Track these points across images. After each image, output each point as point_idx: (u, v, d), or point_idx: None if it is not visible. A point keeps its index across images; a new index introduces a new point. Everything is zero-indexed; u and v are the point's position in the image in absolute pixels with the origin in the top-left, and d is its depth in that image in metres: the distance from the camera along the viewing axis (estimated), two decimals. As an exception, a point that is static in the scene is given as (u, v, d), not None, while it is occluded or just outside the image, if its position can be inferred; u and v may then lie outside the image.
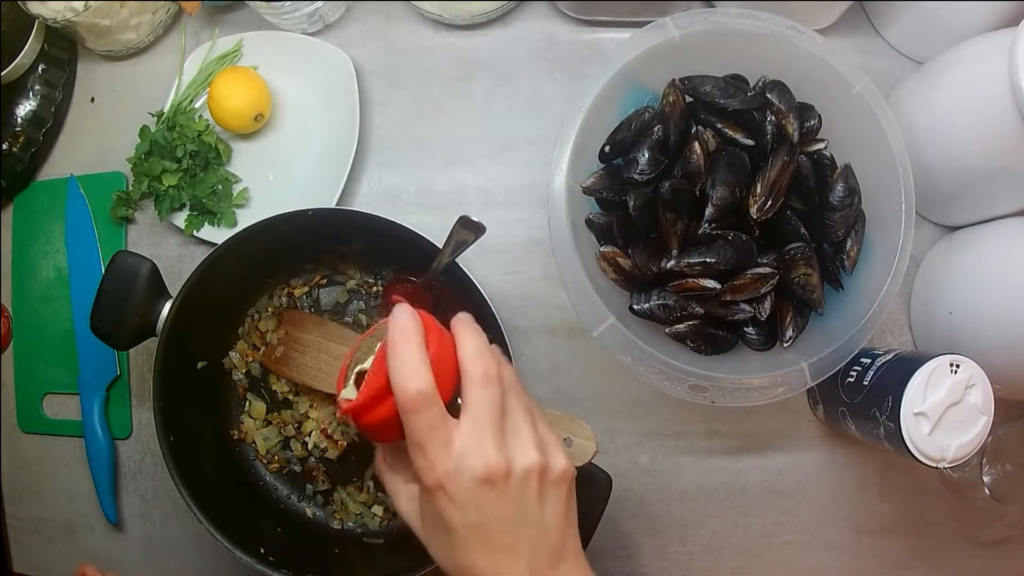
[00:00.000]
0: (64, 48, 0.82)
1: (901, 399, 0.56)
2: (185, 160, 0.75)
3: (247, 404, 0.74)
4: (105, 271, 0.65)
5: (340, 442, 0.72)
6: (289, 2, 0.74)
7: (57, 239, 0.82)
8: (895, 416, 0.56)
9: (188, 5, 0.79)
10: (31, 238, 0.83)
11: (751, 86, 0.63)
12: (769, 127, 0.61)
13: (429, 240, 0.63)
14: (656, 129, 0.62)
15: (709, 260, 0.59)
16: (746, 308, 0.61)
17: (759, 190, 0.59)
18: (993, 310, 0.63)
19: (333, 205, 0.73)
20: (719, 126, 0.62)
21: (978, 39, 0.63)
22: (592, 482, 0.57)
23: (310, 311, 0.75)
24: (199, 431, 0.70)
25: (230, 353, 0.74)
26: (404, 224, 0.64)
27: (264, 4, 0.75)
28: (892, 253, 0.58)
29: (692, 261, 0.59)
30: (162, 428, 0.63)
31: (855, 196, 0.61)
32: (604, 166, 0.63)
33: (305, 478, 0.74)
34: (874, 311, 0.58)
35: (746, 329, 0.62)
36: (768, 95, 0.61)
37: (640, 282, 0.62)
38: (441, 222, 0.65)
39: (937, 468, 0.56)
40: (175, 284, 0.66)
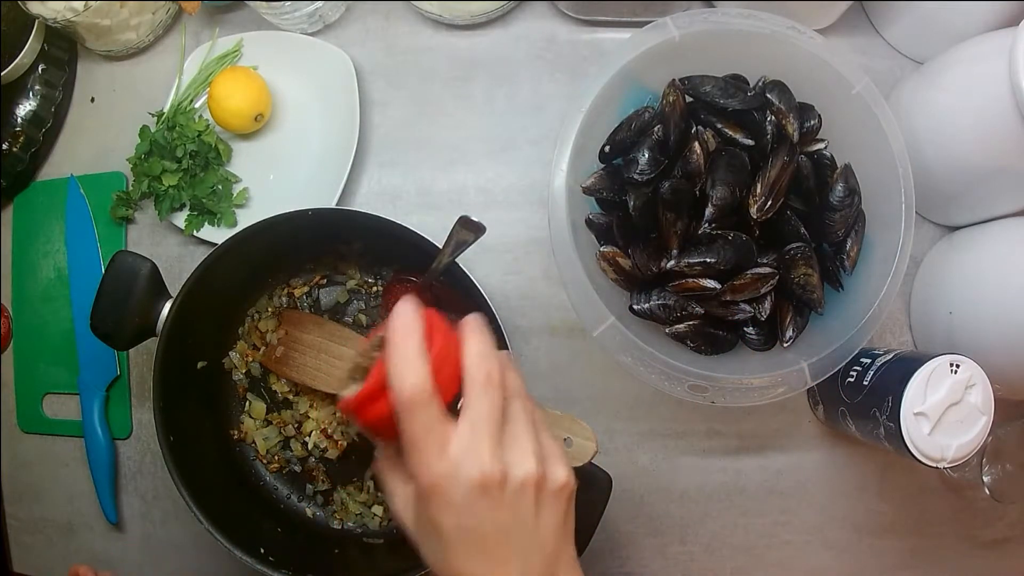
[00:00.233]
0: (64, 48, 0.82)
1: (901, 399, 0.56)
2: (185, 160, 0.75)
3: (247, 404, 0.74)
4: (105, 271, 0.66)
5: (340, 442, 0.72)
6: (289, 2, 0.74)
7: (57, 239, 0.82)
8: (895, 416, 0.56)
9: (188, 5, 0.79)
10: (31, 238, 0.83)
11: (751, 86, 0.63)
12: (769, 127, 0.61)
13: (429, 240, 0.63)
14: (656, 129, 0.62)
15: (709, 260, 0.59)
16: (746, 308, 0.61)
17: (759, 190, 0.59)
18: (993, 310, 0.63)
19: (333, 205, 0.73)
20: (719, 126, 0.62)
21: (978, 39, 0.63)
22: (592, 482, 0.57)
23: (310, 311, 0.75)
24: (199, 431, 0.70)
25: (230, 353, 0.74)
26: (404, 224, 0.64)
27: (264, 4, 0.75)
28: (892, 253, 0.58)
29: (692, 261, 0.59)
30: (162, 428, 0.63)
31: (855, 196, 0.61)
32: (604, 166, 0.63)
33: (305, 478, 0.74)
34: (874, 311, 0.58)
35: (746, 329, 0.62)
36: (768, 95, 0.61)
37: (640, 282, 0.62)
38: (441, 222, 0.65)
39: (937, 468, 0.56)
40: (175, 284, 0.66)
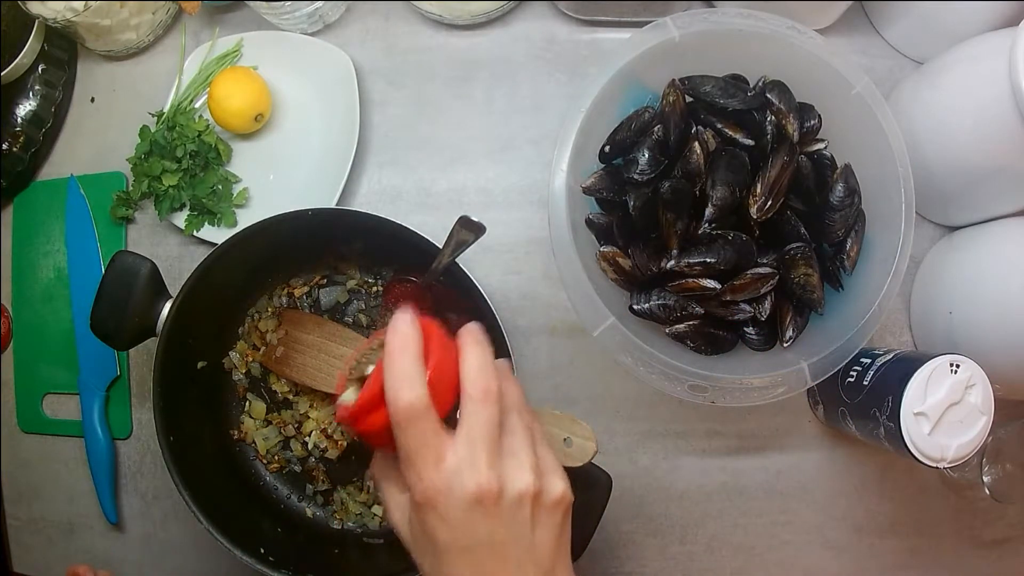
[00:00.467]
0: (64, 48, 0.82)
1: (901, 399, 0.56)
2: (185, 160, 0.75)
3: (247, 404, 0.74)
4: (105, 271, 0.65)
5: (340, 442, 0.72)
6: (289, 2, 0.74)
7: (57, 239, 0.82)
8: (895, 416, 0.56)
9: (188, 5, 0.79)
10: (31, 238, 0.83)
11: (751, 86, 0.63)
12: (769, 127, 0.61)
13: (429, 240, 0.63)
14: (656, 129, 0.62)
15: (709, 260, 0.59)
16: (746, 308, 0.61)
17: (759, 190, 0.59)
18: (993, 310, 0.63)
19: (333, 205, 0.73)
20: (719, 126, 0.62)
21: (978, 39, 0.63)
22: (592, 482, 0.56)
23: (310, 311, 0.75)
24: (199, 431, 0.70)
25: (230, 353, 0.74)
26: (404, 224, 0.64)
27: (264, 4, 0.75)
28: (892, 253, 0.58)
29: (692, 261, 0.59)
30: (162, 428, 0.63)
31: (855, 196, 0.61)
32: (604, 166, 0.63)
33: (305, 478, 0.74)
34: (874, 311, 0.58)
35: (746, 329, 0.62)
36: (768, 95, 0.61)
37: (640, 282, 0.62)
38: (441, 222, 0.65)
39: (937, 468, 0.56)
40: (175, 284, 0.66)
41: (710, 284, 0.59)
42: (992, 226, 0.68)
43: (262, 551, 0.63)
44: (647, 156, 0.61)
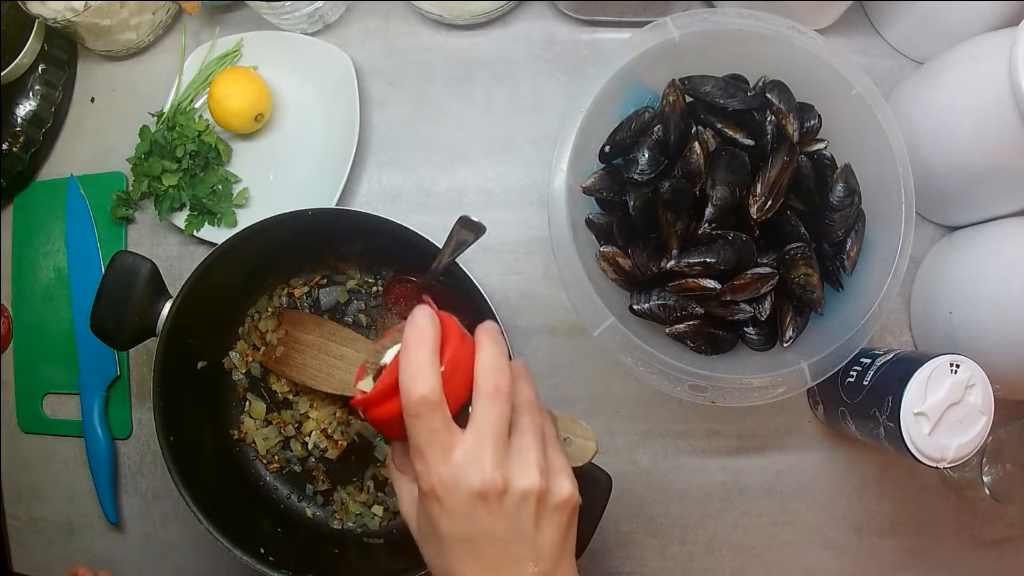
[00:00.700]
0: (64, 48, 0.82)
1: (901, 399, 0.56)
2: (185, 160, 0.75)
3: (247, 404, 0.74)
4: (105, 271, 0.66)
5: (340, 442, 0.72)
6: (289, 2, 0.74)
7: (57, 239, 0.82)
8: (895, 416, 0.56)
9: (188, 5, 0.79)
10: (31, 238, 0.83)
11: (751, 86, 0.63)
12: (769, 127, 0.61)
13: (429, 240, 0.63)
14: (656, 129, 0.62)
15: (709, 260, 0.59)
16: (746, 308, 0.61)
17: (759, 190, 0.59)
18: (993, 310, 0.63)
19: (333, 205, 0.73)
20: (719, 126, 0.61)
21: (978, 39, 0.63)
22: (592, 482, 0.56)
23: (310, 311, 0.75)
24: (199, 431, 0.70)
25: (230, 353, 0.74)
26: (404, 224, 0.64)
27: (264, 4, 0.75)
28: (892, 253, 0.58)
29: (692, 261, 0.59)
30: (162, 428, 0.63)
31: (855, 196, 0.61)
32: (604, 166, 0.63)
33: (305, 478, 0.74)
34: (874, 311, 0.58)
35: (746, 329, 0.62)
36: (768, 95, 0.61)
37: (640, 282, 0.62)
38: (441, 222, 0.65)
39: (937, 468, 0.56)
40: (175, 284, 0.66)
41: (710, 284, 0.59)
42: (992, 226, 0.68)
43: (262, 551, 0.63)
44: (647, 156, 0.61)
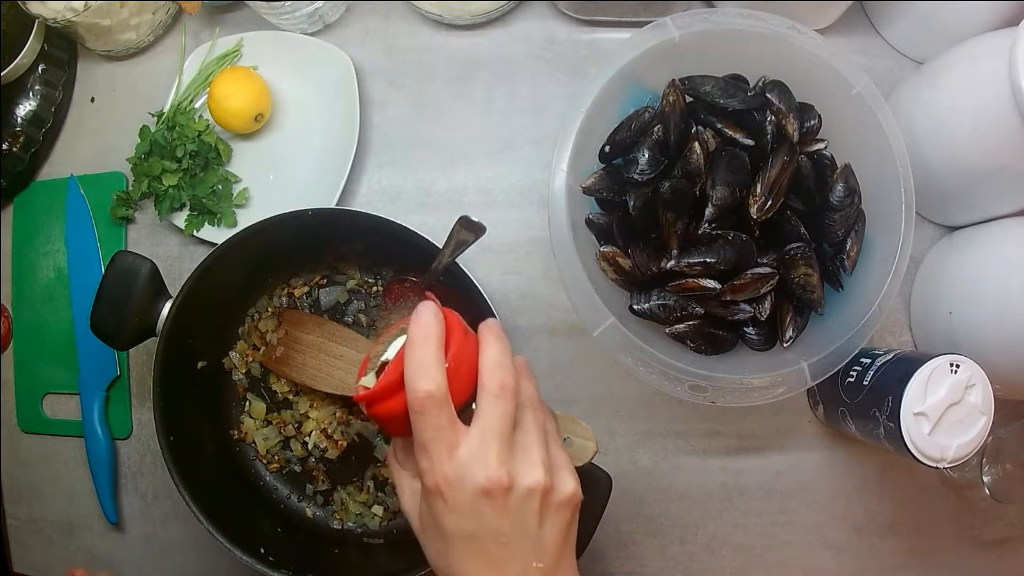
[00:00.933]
0: (64, 48, 0.82)
1: (901, 399, 0.56)
2: (185, 160, 0.75)
3: (247, 404, 0.74)
4: (105, 271, 0.66)
5: (340, 442, 0.72)
6: (289, 2, 0.74)
7: (57, 239, 0.82)
8: (895, 416, 0.56)
9: (188, 5, 0.79)
10: (31, 238, 0.83)
11: (751, 86, 0.63)
12: (769, 127, 0.61)
13: (429, 240, 0.63)
14: (656, 129, 0.62)
15: (709, 260, 0.59)
16: (746, 308, 0.61)
17: (759, 190, 0.59)
18: (993, 310, 0.63)
19: (333, 205, 0.73)
20: (719, 126, 0.61)
21: (978, 39, 0.63)
22: (592, 482, 0.56)
23: (310, 311, 0.75)
24: (199, 431, 0.70)
25: (230, 353, 0.74)
26: (404, 224, 0.64)
27: (264, 4, 0.75)
28: (892, 253, 0.58)
29: (692, 261, 0.59)
30: (162, 428, 0.63)
31: (855, 196, 0.61)
32: (604, 166, 0.63)
33: (305, 478, 0.74)
34: (874, 311, 0.58)
35: (746, 329, 0.62)
36: (768, 95, 0.61)
37: (640, 282, 0.62)
38: (441, 222, 0.65)
39: (937, 468, 0.56)
40: (175, 284, 0.66)
41: (710, 284, 0.59)
42: (992, 226, 0.68)
43: (262, 551, 0.63)
44: (647, 156, 0.61)
